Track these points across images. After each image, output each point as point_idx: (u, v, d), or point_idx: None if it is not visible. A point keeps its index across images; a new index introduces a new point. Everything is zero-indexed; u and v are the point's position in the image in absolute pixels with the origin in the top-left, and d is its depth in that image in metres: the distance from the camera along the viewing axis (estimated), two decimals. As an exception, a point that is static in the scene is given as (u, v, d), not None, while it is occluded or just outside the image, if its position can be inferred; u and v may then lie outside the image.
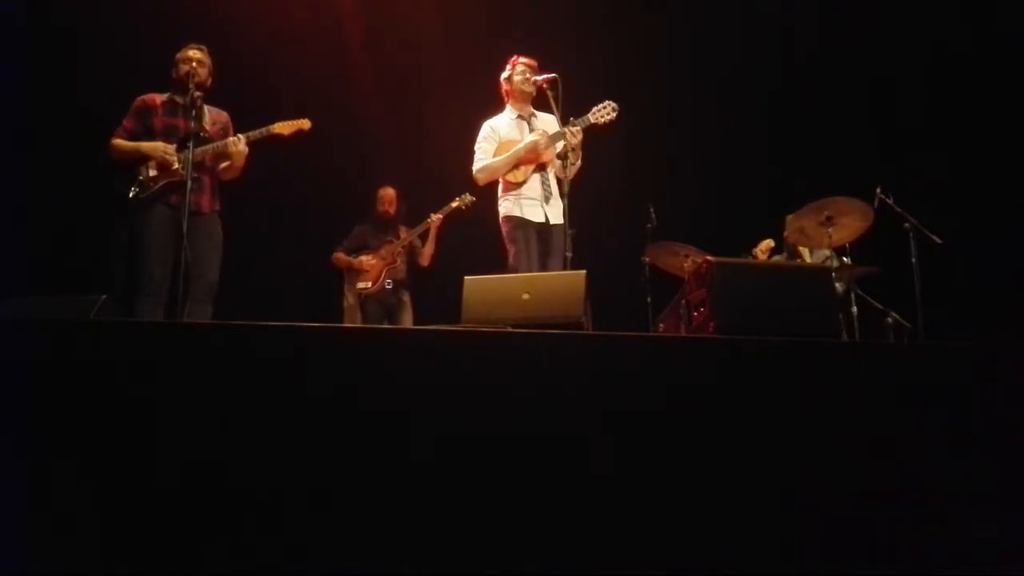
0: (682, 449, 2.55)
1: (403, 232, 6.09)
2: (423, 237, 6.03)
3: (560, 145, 4.59)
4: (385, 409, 2.43)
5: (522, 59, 4.78)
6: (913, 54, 6.34)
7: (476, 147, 4.78)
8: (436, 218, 5.94)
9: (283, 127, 4.45)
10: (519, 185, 4.64)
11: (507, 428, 2.46)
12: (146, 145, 4.30)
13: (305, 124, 4.51)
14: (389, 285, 5.93)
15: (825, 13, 6.38)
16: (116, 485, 2.29)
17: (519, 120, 4.80)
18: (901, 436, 2.64)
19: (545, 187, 4.65)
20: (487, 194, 4.92)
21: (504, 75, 4.84)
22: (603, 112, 4.60)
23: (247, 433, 2.39)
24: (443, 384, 2.48)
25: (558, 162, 4.66)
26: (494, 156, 4.71)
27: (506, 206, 4.67)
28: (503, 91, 4.86)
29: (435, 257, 6.02)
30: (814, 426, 2.63)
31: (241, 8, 6.15)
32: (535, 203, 4.62)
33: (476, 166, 4.75)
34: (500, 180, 4.72)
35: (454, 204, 5.88)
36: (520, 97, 4.77)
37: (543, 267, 4.57)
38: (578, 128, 4.52)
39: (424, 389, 2.46)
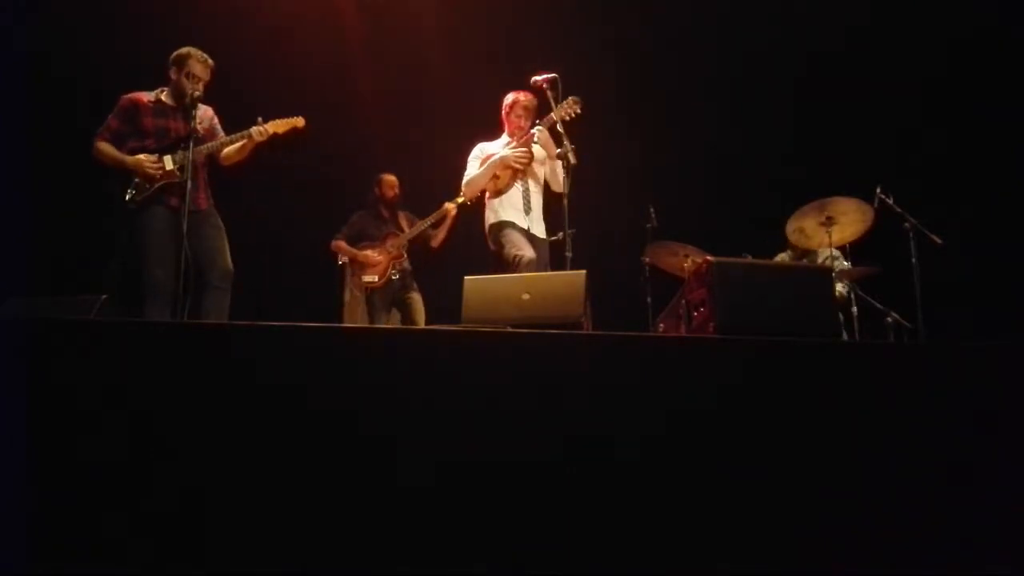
0: (682, 448, 2.55)
1: (403, 220, 6.01)
2: (438, 224, 5.90)
3: (544, 157, 4.75)
4: (385, 409, 2.44)
5: (521, 98, 4.83)
6: (913, 53, 6.33)
7: (467, 165, 4.93)
8: (451, 207, 5.76)
9: (276, 126, 4.44)
10: (500, 192, 4.78)
11: (507, 428, 2.46)
12: (130, 161, 4.27)
13: (299, 123, 4.51)
14: (396, 276, 5.86)
15: (825, 13, 6.38)
16: (116, 484, 2.29)
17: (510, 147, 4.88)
18: (901, 436, 2.64)
19: (526, 199, 4.77)
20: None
21: (504, 107, 4.93)
22: (567, 109, 4.58)
23: (246, 433, 2.39)
24: (443, 384, 2.48)
25: (541, 175, 4.81)
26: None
27: (489, 215, 4.82)
28: (502, 120, 4.96)
29: (446, 242, 5.94)
30: (814, 426, 2.63)
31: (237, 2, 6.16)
32: (518, 211, 4.74)
33: (464, 181, 4.92)
34: (484, 191, 4.85)
35: (460, 199, 5.83)
36: (516, 127, 4.86)
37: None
38: (542, 128, 4.60)
39: (424, 389, 2.46)
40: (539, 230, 4.77)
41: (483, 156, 4.89)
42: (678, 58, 6.58)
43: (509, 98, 4.91)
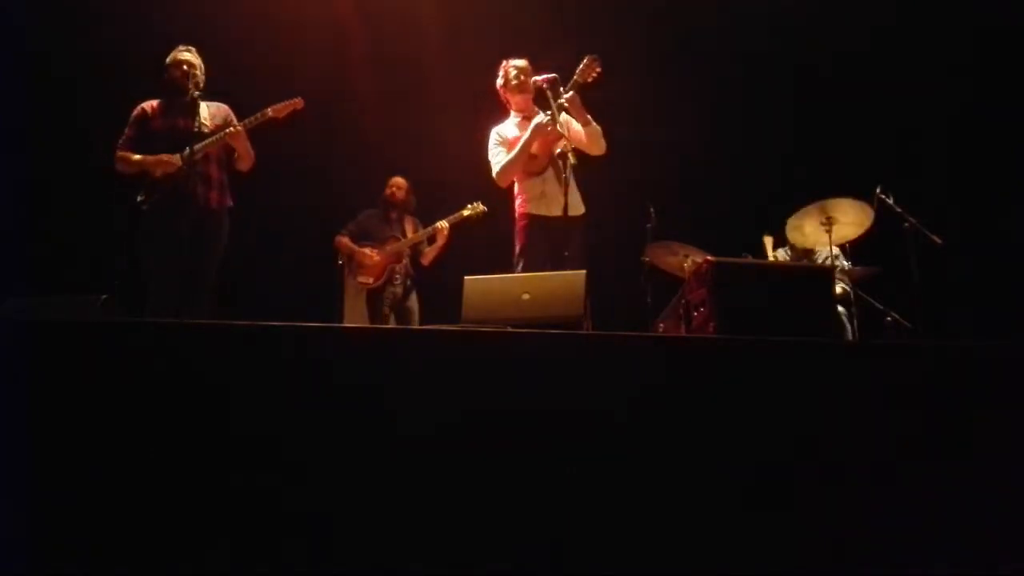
0: (682, 449, 2.55)
1: (409, 224, 5.94)
2: (431, 240, 5.85)
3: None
4: (385, 409, 2.44)
5: (511, 62, 4.72)
6: (913, 53, 6.34)
7: (490, 156, 4.65)
8: (443, 226, 5.75)
9: (277, 110, 4.49)
10: (536, 173, 4.53)
11: (507, 428, 2.46)
12: (149, 160, 4.35)
13: (299, 103, 4.54)
14: (397, 281, 5.79)
15: (825, 14, 6.38)
16: (116, 485, 2.29)
17: (524, 121, 4.71)
18: (901, 436, 2.64)
19: (562, 178, 4.40)
20: (497, 198, 4.87)
21: (499, 83, 4.75)
22: (586, 71, 4.44)
23: (246, 433, 2.39)
24: (443, 384, 2.48)
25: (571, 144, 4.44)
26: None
27: (520, 201, 4.59)
28: (503, 99, 4.78)
29: (437, 261, 5.90)
30: (814, 426, 2.63)
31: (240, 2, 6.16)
32: (555, 193, 4.44)
33: (495, 171, 4.60)
34: (517, 178, 4.61)
35: (465, 213, 5.73)
36: (520, 94, 4.69)
37: (558, 263, 4.42)
38: (572, 94, 4.40)
39: (424, 389, 2.46)
40: (576, 204, 4.44)
41: (507, 139, 4.61)
42: (678, 57, 6.58)
43: (500, 73, 4.72)
